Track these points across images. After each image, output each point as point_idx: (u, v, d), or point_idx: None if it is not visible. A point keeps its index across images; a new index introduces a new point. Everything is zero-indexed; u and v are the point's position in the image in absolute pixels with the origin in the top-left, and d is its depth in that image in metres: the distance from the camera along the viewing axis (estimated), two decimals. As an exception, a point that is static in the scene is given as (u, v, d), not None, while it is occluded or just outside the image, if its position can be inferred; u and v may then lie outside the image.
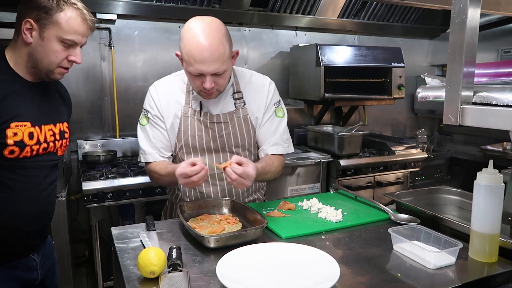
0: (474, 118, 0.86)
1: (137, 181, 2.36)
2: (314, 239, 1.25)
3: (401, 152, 3.15)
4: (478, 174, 1.09)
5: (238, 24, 3.23)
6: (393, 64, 3.24)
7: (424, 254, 1.09)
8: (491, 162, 1.08)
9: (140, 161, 1.60)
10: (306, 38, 3.52)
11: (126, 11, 2.77)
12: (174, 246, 1.09)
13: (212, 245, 1.15)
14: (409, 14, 3.63)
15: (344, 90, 3.13)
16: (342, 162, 2.87)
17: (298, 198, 1.62)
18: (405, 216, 1.39)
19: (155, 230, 1.32)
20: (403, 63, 3.28)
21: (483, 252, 1.10)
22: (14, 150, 1.20)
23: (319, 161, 2.87)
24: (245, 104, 1.58)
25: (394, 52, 3.29)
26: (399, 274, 1.04)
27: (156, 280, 0.99)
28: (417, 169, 3.22)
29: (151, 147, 1.55)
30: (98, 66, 2.87)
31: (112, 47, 2.85)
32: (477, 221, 1.11)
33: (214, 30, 1.36)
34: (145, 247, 1.16)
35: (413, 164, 3.18)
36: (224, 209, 1.45)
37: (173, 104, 1.54)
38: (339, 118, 3.70)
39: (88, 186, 2.26)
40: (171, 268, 1.01)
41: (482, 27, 3.20)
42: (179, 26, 3.04)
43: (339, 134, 2.96)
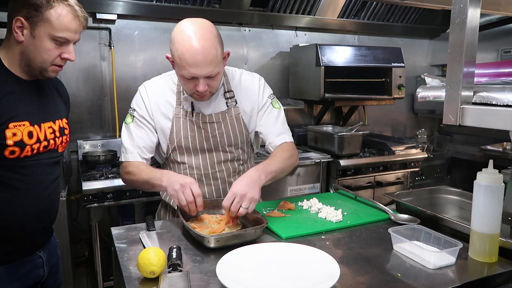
0: (474, 118, 0.86)
1: (137, 181, 2.36)
2: (314, 239, 1.25)
3: (401, 152, 3.15)
4: (478, 174, 1.09)
5: (238, 24, 3.23)
6: (393, 64, 3.25)
7: (424, 254, 1.09)
8: (491, 162, 1.08)
9: (120, 160, 1.57)
10: (306, 38, 3.52)
11: (126, 11, 2.77)
12: (174, 246, 1.09)
13: (212, 245, 1.15)
14: (409, 14, 3.63)
15: (344, 90, 3.13)
16: (342, 162, 2.88)
17: (298, 198, 1.61)
18: (405, 216, 1.38)
19: (155, 230, 1.32)
20: (403, 63, 3.29)
21: (483, 252, 1.10)
22: (14, 150, 1.20)
23: (319, 161, 2.87)
24: (236, 103, 1.57)
25: (394, 52, 3.29)
26: (399, 274, 1.04)
27: (156, 280, 0.99)
28: (417, 169, 3.22)
29: (132, 146, 1.52)
30: (98, 66, 2.87)
31: (112, 47, 2.85)
32: (477, 221, 1.11)
33: (206, 33, 1.34)
34: (145, 247, 1.16)
35: (413, 164, 3.18)
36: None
37: (163, 105, 1.52)
38: (339, 118, 3.70)
39: (88, 186, 2.26)
40: (171, 268, 1.01)
41: (482, 27, 3.20)
42: (179, 26, 3.04)
43: (339, 134, 2.96)
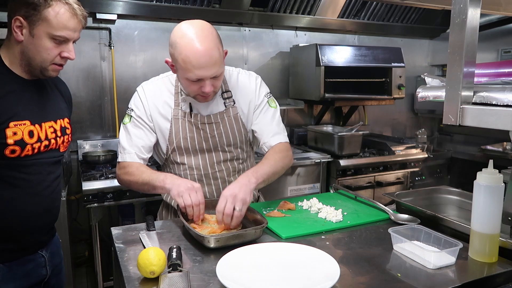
0: (474, 118, 0.86)
1: (137, 181, 2.36)
2: (314, 239, 1.25)
3: (401, 152, 3.15)
4: (478, 174, 1.09)
5: (238, 24, 3.23)
6: (393, 64, 3.25)
7: (424, 254, 1.09)
8: (491, 162, 1.08)
9: (118, 160, 1.55)
10: (306, 38, 3.52)
11: (126, 11, 2.77)
12: (174, 246, 1.09)
13: (212, 245, 1.15)
14: (409, 14, 3.63)
15: (344, 90, 3.13)
16: (342, 162, 2.88)
17: (298, 198, 1.61)
18: (405, 216, 1.38)
19: (155, 230, 1.32)
20: (403, 63, 3.29)
21: (483, 252, 1.10)
22: (15, 149, 1.20)
23: (319, 161, 2.87)
24: (234, 103, 1.57)
25: (394, 52, 3.29)
26: (399, 274, 1.04)
27: (156, 280, 0.99)
28: (417, 169, 3.22)
29: (130, 146, 1.51)
30: (98, 66, 2.87)
31: (112, 47, 2.85)
32: (477, 221, 1.11)
33: (208, 34, 1.34)
34: (145, 247, 1.16)
35: (413, 164, 3.18)
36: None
37: (161, 106, 1.52)
38: (339, 118, 3.70)
39: (88, 186, 2.26)
40: (171, 268, 1.01)
41: (482, 27, 3.20)
42: (179, 26, 3.04)
43: (339, 134, 2.96)
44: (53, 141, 1.32)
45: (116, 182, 2.28)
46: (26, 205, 1.27)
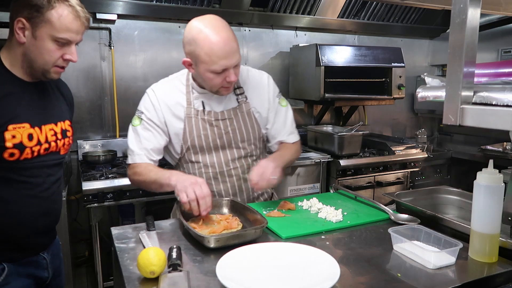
0: (474, 118, 0.85)
1: (137, 181, 2.36)
2: (314, 239, 1.25)
3: (401, 152, 3.15)
4: (478, 174, 1.09)
5: (238, 24, 3.23)
6: (393, 64, 3.24)
7: (424, 254, 1.09)
8: (491, 162, 1.08)
9: (127, 162, 1.57)
10: (306, 38, 3.52)
11: (126, 11, 2.77)
12: (174, 246, 1.09)
13: (212, 245, 1.15)
14: (409, 14, 3.63)
15: (344, 90, 3.13)
16: (342, 162, 2.87)
17: (298, 198, 1.62)
18: (405, 216, 1.39)
19: (155, 230, 1.32)
20: (403, 63, 3.28)
21: (483, 252, 1.10)
22: (13, 152, 1.19)
23: (319, 161, 2.87)
24: (247, 99, 1.60)
25: (394, 52, 3.29)
26: (399, 274, 1.04)
27: (156, 280, 0.99)
28: (417, 169, 3.22)
29: (140, 148, 1.53)
30: (98, 66, 2.87)
31: (112, 47, 2.85)
32: (477, 221, 1.11)
33: (223, 25, 1.41)
34: (145, 247, 1.16)
35: (413, 164, 3.18)
36: (224, 209, 1.45)
37: (173, 106, 1.54)
38: (339, 118, 3.70)
39: (88, 186, 2.26)
40: (171, 268, 1.01)
41: (482, 27, 3.21)
42: (179, 26, 3.04)
43: (339, 134, 2.96)
44: (53, 144, 1.30)
45: (116, 182, 2.31)
46: (26, 207, 1.27)
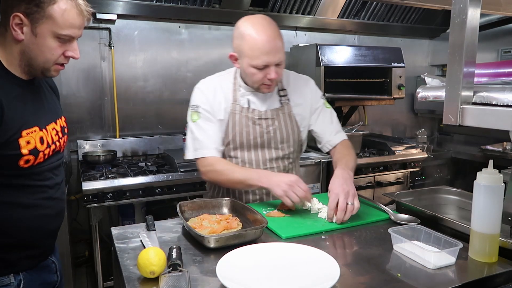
0: (474, 118, 0.86)
1: (137, 181, 2.36)
2: (314, 239, 1.25)
3: (401, 152, 3.15)
4: (478, 174, 1.09)
5: (238, 24, 3.23)
6: (393, 64, 3.24)
7: (424, 254, 1.09)
8: (491, 162, 1.08)
9: (196, 156, 1.57)
10: (306, 38, 3.51)
11: (126, 11, 2.77)
12: (174, 246, 1.09)
13: (212, 245, 1.15)
14: (409, 14, 3.63)
15: (344, 90, 3.13)
16: (342, 162, 2.87)
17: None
18: (405, 216, 1.39)
19: (155, 230, 1.32)
20: (403, 63, 3.28)
21: (483, 252, 1.10)
22: (29, 159, 1.14)
23: (319, 161, 2.87)
24: (289, 101, 1.64)
25: (394, 52, 3.29)
26: (399, 274, 1.04)
27: (156, 280, 0.99)
28: (417, 169, 3.22)
29: (210, 141, 1.57)
30: (98, 66, 2.87)
31: (112, 47, 2.85)
32: (477, 221, 1.11)
33: (271, 23, 1.47)
34: (145, 247, 1.16)
35: (413, 164, 3.18)
36: (224, 209, 1.45)
37: (220, 101, 1.59)
38: (339, 118, 3.66)
39: (88, 186, 2.26)
40: (171, 268, 1.01)
41: (482, 27, 3.20)
42: (179, 26, 3.04)
43: (339, 134, 2.95)
44: (57, 143, 1.26)
45: (116, 182, 2.31)
46: (43, 210, 1.23)
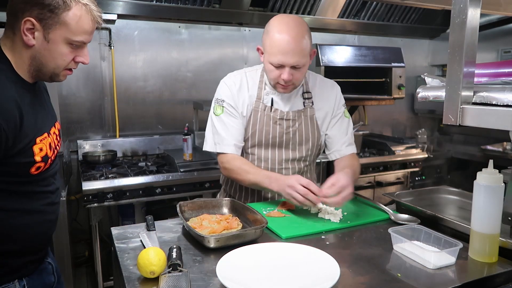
0: (474, 118, 0.86)
1: (137, 181, 2.36)
2: (314, 239, 1.25)
3: (401, 152, 3.15)
4: (478, 174, 1.09)
5: (238, 24, 3.23)
6: (393, 64, 3.24)
7: (424, 254, 1.09)
8: (491, 162, 1.08)
9: (216, 151, 1.60)
10: (306, 38, 3.51)
11: (126, 11, 2.77)
12: (174, 246, 1.09)
13: (212, 245, 1.15)
14: (409, 14, 3.63)
15: (344, 90, 3.11)
16: (342, 162, 2.87)
17: (298, 198, 1.61)
18: (405, 216, 1.39)
19: (155, 230, 1.32)
20: (403, 63, 3.28)
21: (483, 252, 1.10)
22: (40, 166, 1.14)
23: (319, 161, 2.87)
24: (313, 104, 1.64)
25: (394, 52, 3.29)
26: (399, 274, 1.04)
27: (156, 280, 0.99)
28: (417, 169, 3.22)
29: (230, 137, 1.58)
30: (98, 66, 2.87)
31: (112, 47, 2.85)
32: (477, 221, 1.11)
33: (299, 25, 1.45)
34: (145, 247, 1.16)
35: (413, 164, 3.18)
36: (224, 209, 1.45)
37: (245, 97, 1.60)
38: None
39: (88, 186, 2.26)
40: (171, 268, 1.01)
41: (482, 27, 3.20)
42: (179, 26, 3.04)
43: (339, 134, 2.95)
44: (58, 147, 1.26)
45: (116, 182, 2.31)
46: (46, 215, 1.23)
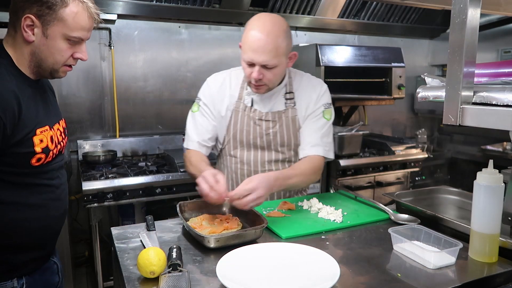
0: (474, 118, 0.85)
1: (137, 181, 2.36)
2: (314, 239, 1.25)
3: (401, 152, 3.15)
4: (478, 174, 1.09)
5: (238, 24, 3.23)
6: (393, 64, 3.24)
7: (424, 254, 1.09)
8: (491, 162, 1.08)
9: (183, 146, 1.66)
10: (306, 38, 3.51)
11: (126, 11, 2.77)
12: (174, 246, 1.09)
13: (212, 245, 1.15)
14: (409, 14, 3.63)
15: (344, 90, 3.13)
16: (342, 162, 2.87)
17: (298, 198, 1.62)
18: (405, 216, 1.39)
19: (155, 230, 1.32)
20: (403, 63, 3.28)
21: (483, 252, 1.10)
22: (41, 157, 1.16)
23: (319, 161, 2.87)
24: (295, 104, 1.62)
25: (394, 52, 3.29)
26: (399, 274, 1.04)
27: (156, 280, 0.99)
28: (417, 169, 3.22)
29: (196, 134, 1.61)
30: (98, 66, 2.87)
31: (112, 47, 2.85)
32: (477, 221, 1.11)
33: (275, 24, 1.44)
34: (145, 247, 1.16)
35: (413, 164, 3.18)
36: (224, 209, 1.45)
37: (227, 96, 1.60)
38: (339, 118, 3.70)
39: (88, 186, 2.26)
40: (171, 268, 1.01)
41: (482, 27, 3.20)
42: (179, 26, 3.04)
43: (339, 134, 2.95)
44: (62, 143, 1.28)
45: (116, 182, 2.31)
46: (50, 210, 1.24)
